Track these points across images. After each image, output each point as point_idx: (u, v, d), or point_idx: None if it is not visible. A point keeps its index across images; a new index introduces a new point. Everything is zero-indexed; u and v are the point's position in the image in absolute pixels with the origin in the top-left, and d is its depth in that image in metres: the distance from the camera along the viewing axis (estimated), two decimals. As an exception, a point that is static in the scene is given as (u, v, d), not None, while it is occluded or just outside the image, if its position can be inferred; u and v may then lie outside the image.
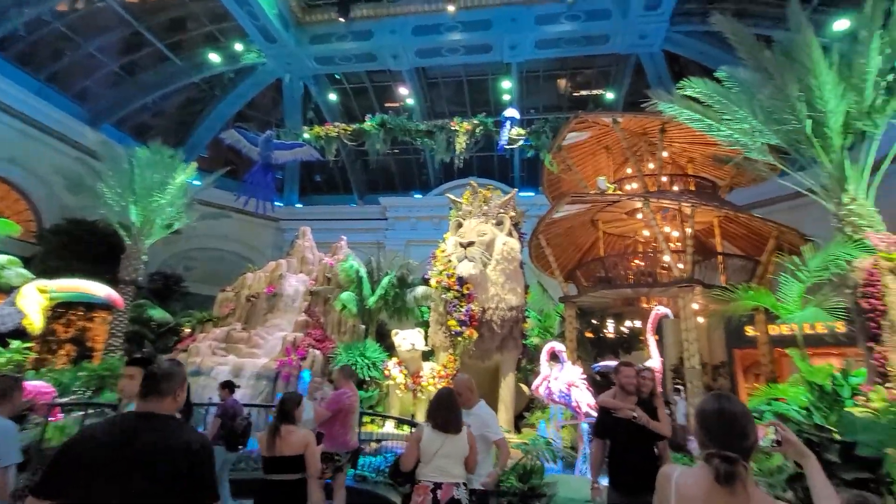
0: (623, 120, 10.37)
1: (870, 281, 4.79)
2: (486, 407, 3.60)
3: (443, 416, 3.07)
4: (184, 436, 1.77)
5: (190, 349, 11.20)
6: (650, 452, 3.08)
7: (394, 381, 9.74)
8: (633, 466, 2.99)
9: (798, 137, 7.28)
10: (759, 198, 15.23)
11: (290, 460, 3.17)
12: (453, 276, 9.57)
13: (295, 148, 13.69)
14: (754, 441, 1.46)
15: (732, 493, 1.38)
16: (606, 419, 3.17)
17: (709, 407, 1.55)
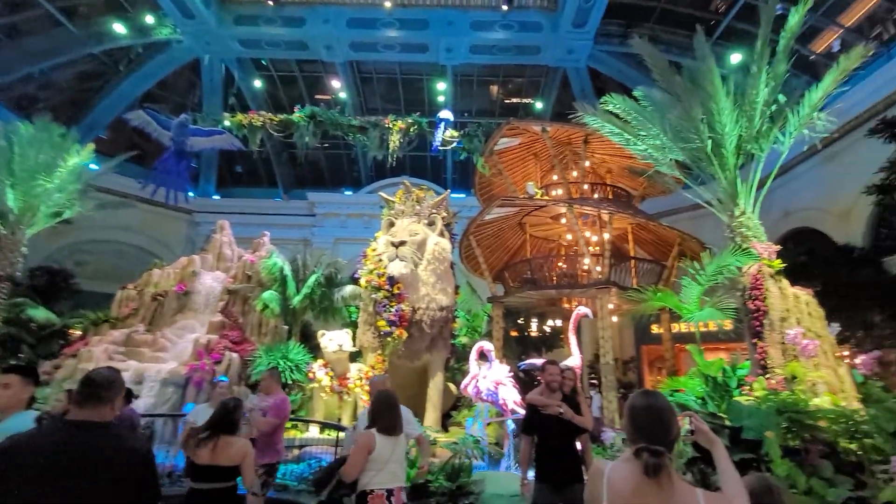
0: (551, 129, 10.90)
1: (755, 285, 5.46)
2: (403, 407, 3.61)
3: (389, 418, 2.98)
4: (125, 443, 1.82)
5: (80, 354, 9.91)
6: (574, 446, 3.24)
7: (318, 384, 9.35)
8: (560, 460, 3.12)
9: (700, 155, 8.11)
10: (666, 208, 16.82)
11: (224, 470, 3.04)
12: (384, 276, 9.41)
13: (213, 135, 12.66)
14: (677, 434, 1.57)
15: (659, 485, 1.45)
16: (534, 416, 3.27)
17: (638, 403, 1.63)
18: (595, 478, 1.59)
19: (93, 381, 1.88)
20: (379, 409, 3.03)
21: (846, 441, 4.22)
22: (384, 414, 3.00)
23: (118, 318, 11.76)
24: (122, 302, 12.11)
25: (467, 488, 4.02)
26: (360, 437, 2.91)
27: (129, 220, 18.72)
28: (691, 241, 10.56)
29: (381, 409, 3.02)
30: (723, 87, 7.63)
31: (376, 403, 3.07)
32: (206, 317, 11.69)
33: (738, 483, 1.52)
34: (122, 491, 1.69)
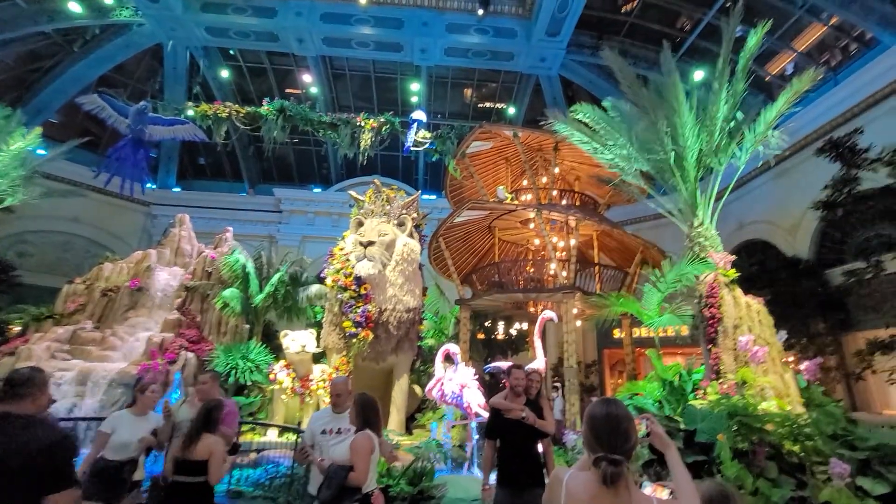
0: (522, 134, 11.03)
1: (711, 293, 5.69)
2: None
3: (377, 420, 2.97)
4: (36, 432, 1.87)
5: (19, 352, 9.25)
6: (536, 450, 3.25)
7: (279, 386, 9.08)
8: (521, 464, 3.12)
9: (663, 166, 8.39)
10: (631, 216, 17.38)
11: (198, 464, 3.27)
12: (351, 276, 9.26)
13: (175, 125, 12.09)
14: (635, 442, 1.58)
15: (616, 494, 1.46)
16: (497, 420, 3.27)
17: (598, 412, 1.63)
18: (554, 485, 1.58)
19: (11, 379, 2.07)
20: (369, 411, 2.98)
21: (790, 443, 4.43)
22: (374, 415, 2.98)
23: (63, 315, 11.06)
24: (68, 297, 11.39)
25: (429, 492, 3.97)
26: (364, 441, 2.82)
27: (79, 211, 17.71)
28: (653, 250, 10.92)
29: (370, 411, 2.98)
30: (686, 102, 7.93)
31: (366, 406, 2.99)
32: (161, 314, 11.16)
33: (690, 486, 1.55)
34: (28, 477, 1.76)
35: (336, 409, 3.31)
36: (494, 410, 3.32)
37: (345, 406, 3.33)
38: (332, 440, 3.13)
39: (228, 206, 19.92)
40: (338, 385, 3.38)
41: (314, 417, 3.43)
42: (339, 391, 3.34)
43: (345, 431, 3.19)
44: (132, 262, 12.16)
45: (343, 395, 3.32)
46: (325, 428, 3.22)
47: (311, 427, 3.34)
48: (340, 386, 3.38)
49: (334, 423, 3.24)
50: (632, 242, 11.80)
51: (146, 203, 19.78)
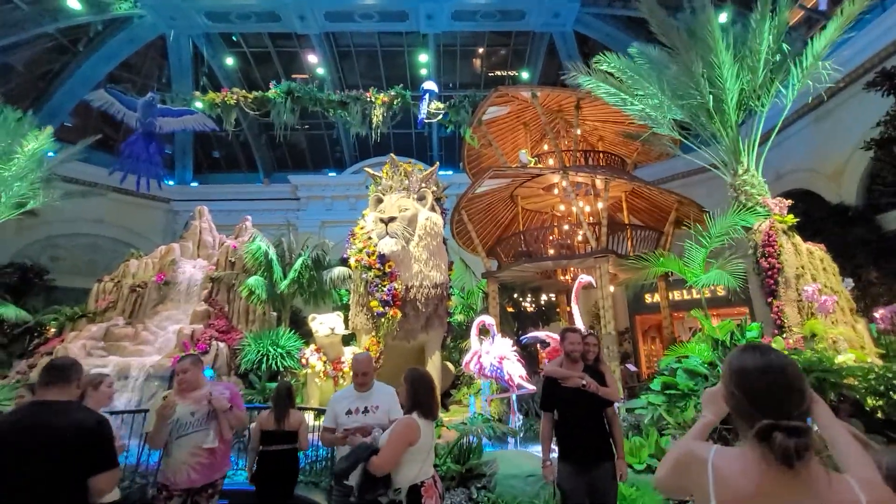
0: (541, 94, 10.42)
1: (768, 241, 5.20)
2: (385, 384, 3.27)
3: (430, 400, 2.64)
4: (78, 415, 2.00)
5: (56, 351, 9.37)
6: (600, 421, 2.93)
7: (312, 370, 8.99)
8: (585, 437, 2.81)
9: (699, 113, 7.77)
10: (658, 176, 16.55)
11: (291, 434, 3.82)
12: (374, 254, 8.98)
13: (184, 115, 11.91)
14: (810, 401, 1.16)
15: (798, 477, 1.06)
16: (553, 390, 2.95)
17: (750, 363, 1.20)
18: (689, 465, 1.19)
19: (55, 364, 2.18)
20: (420, 389, 2.64)
21: (873, 398, 4.00)
22: (425, 395, 2.63)
23: (96, 313, 11.19)
24: (98, 295, 11.51)
25: (478, 470, 3.72)
26: (404, 425, 2.48)
27: (103, 212, 17.95)
28: (688, 206, 10.30)
29: (422, 390, 2.64)
30: (723, 40, 7.25)
31: (418, 383, 2.67)
32: (188, 307, 11.18)
33: (861, 454, 1.15)
34: (75, 457, 1.87)
35: (360, 388, 3.10)
36: (549, 380, 3.00)
37: (369, 384, 3.13)
38: (357, 420, 2.90)
39: (246, 197, 19.88)
40: (361, 362, 3.16)
41: (336, 398, 3.20)
42: (364, 368, 3.12)
43: (372, 409, 2.96)
44: (156, 258, 12.18)
45: (368, 373, 3.11)
46: (349, 408, 3.01)
47: (333, 408, 3.11)
48: (364, 363, 3.16)
49: (359, 403, 3.04)
50: (664, 201, 11.18)
51: (166, 200, 19.92)
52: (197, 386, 3.26)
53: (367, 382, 3.09)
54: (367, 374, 3.09)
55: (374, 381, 3.20)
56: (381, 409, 2.96)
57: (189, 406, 3.14)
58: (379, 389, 3.17)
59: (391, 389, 3.06)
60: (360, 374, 3.10)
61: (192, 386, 3.24)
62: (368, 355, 3.25)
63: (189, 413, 3.12)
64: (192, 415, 3.12)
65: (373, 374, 3.13)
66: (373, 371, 3.15)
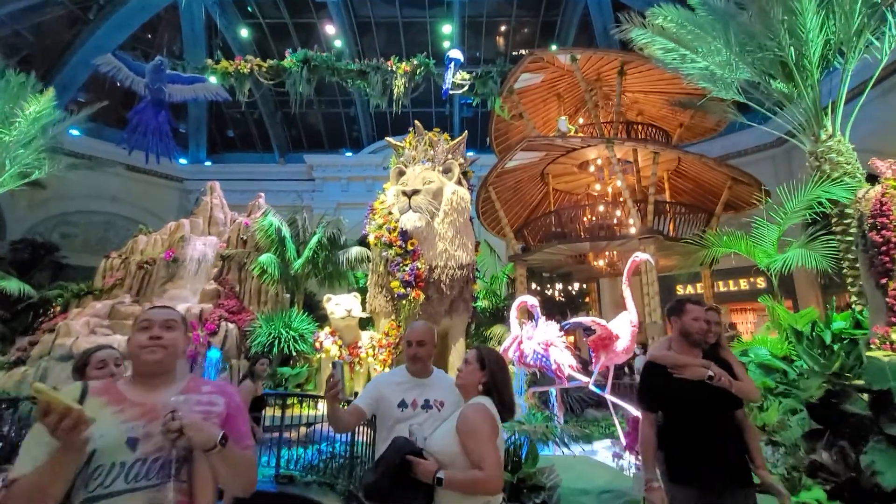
0: (581, 57, 9.42)
1: (881, 211, 4.26)
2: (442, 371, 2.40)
3: (510, 394, 1.88)
4: None
5: (58, 328, 8.84)
6: (731, 427, 2.09)
7: (326, 354, 8.29)
8: (712, 451, 1.98)
9: (772, 71, 6.73)
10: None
11: None
12: (395, 231, 8.18)
13: (196, 83, 11.19)
14: None
15: None
16: (661, 382, 2.11)
17: None
18: None
19: None
20: (498, 374, 1.85)
21: None
22: (504, 384, 1.85)
23: (102, 290, 10.67)
24: (105, 272, 10.99)
25: (535, 481, 2.91)
26: (484, 414, 1.73)
27: (117, 190, 17.59)
28: (743, 186, 9.24)
29: (500, 376, 1.86)
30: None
31: (495, 365, 1.86)
32: (198, 285, 10.58)
33: None
34: None
35: (417, 372, 2.17)
36: (655, 368, 2.16)
37: (429, 367, 2.22)
38: (419, 419, 2.06)
39: (260, 177, 19.27)
40: (418, 331, 2.19)
41: (384, 379, 2.27)
42: (423, 337, 2.16)
43: (436, 405, 2.10)
44: (166, 234, 11.61)
45: (427, 347, 2.15)
46: (404, 398, 2.10)
47: (379, 390, 2.17)
48: (423, 331, 2.19)
49: (418, 393, 2.12)
50: (713, 179, 10.14)
51: (180, 179, 19.48)
52: (163, 372, 1.44)
53: (427, 363, 2.19)
54: (426, 347, 2.16)
55: (435, 368, 2.28)
56: (447, 406, 2.08)
57: (128, 422, 1.32)
58: (440, 377, 2.26)
59: (452, 380, 2.22)
60: (415, 345, 2.15)
61: (151, 371, 1.42)
62: (427, 324, 2.30)
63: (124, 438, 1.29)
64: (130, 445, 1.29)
65: (433, 349, 2.21)
66: (433, 345, 2.20)
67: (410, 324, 2.35)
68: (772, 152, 14.91)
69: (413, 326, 2.27)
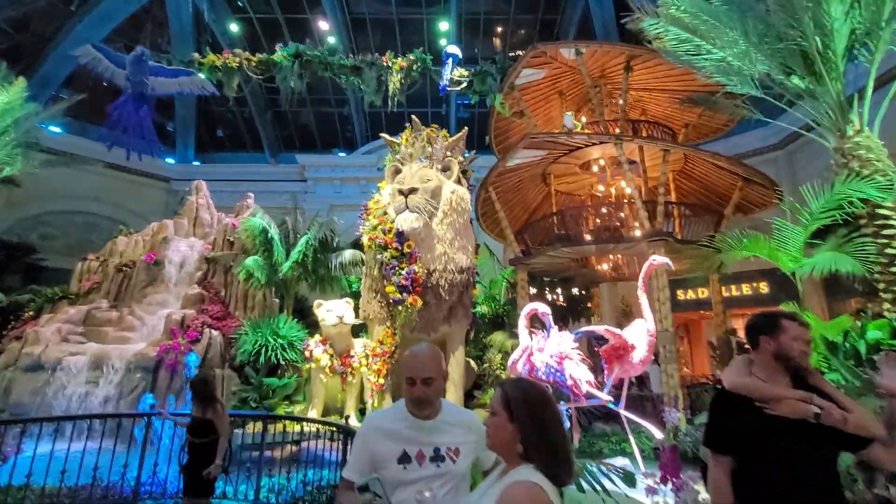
0: (587, 51, 9.01)
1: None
2: (456, 405, 1.87)
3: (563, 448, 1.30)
4: None
5: (26, 336, 8.21)
6: (833, 477, 1.62)
7: (317, 364, 7.74)
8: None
9: (792, 62, 6.35)
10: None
11: None
12: (391, 232, 7.68)
13: (180, 76, 10.64)
14: None
15: None
16: (744, 419, 1.63)
17: None
18: None
19: None
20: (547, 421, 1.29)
21: None
22: (555, 433, 1.29)
23: (78, 294, 10.04)
24: (82, 275, 10.37)
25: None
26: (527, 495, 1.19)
27: (99, 189, 16.92)
28: (755, 185, 8.86)
29: (551, 423, 1.29)
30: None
31: (537, 407, 1.30)
32: (181, 290, 10.00)
33: None
34: None
35: (421, 412, 1.65)
36: (730, 399, 1.69)
37: (437, 405, 1.68)
38: (429, 479, 1.54)
39: (250, 178, 18.65)
40: (423, 362, 1.63)
41: (375, 427, 1.72)
42: (428, 371, 1.60)
43: (449, 455, 1.58)
44: (148, 235, 11.02)
45: (437, 383, 1.63)
46: (405, 450, 1.59)
47: (368, 447, 1.64)
48: (429, 364, 1.63)
49: (424, 440, 1.61)
50: (721, 180, 9.76)
51: (166, 178, 18.84)
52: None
53: (434, 401, 1.66)
54: (434, 385, 1.63)
55: (443, 400, 1.74)
56: (464, 454, 1.58)
57: None
58: (452, 413, 1.73)
59: (471, 415, 1.70)
60: (418, 384, 1.60)
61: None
62: (434, 349, 1.72)
63: None
64: None
65: (442, 382, 1.67)
66: (442, 377, 1.68)
67: (410, 350, 1.75)
68: (773, 155, 14.63)
69: (415, 354, 1.70)
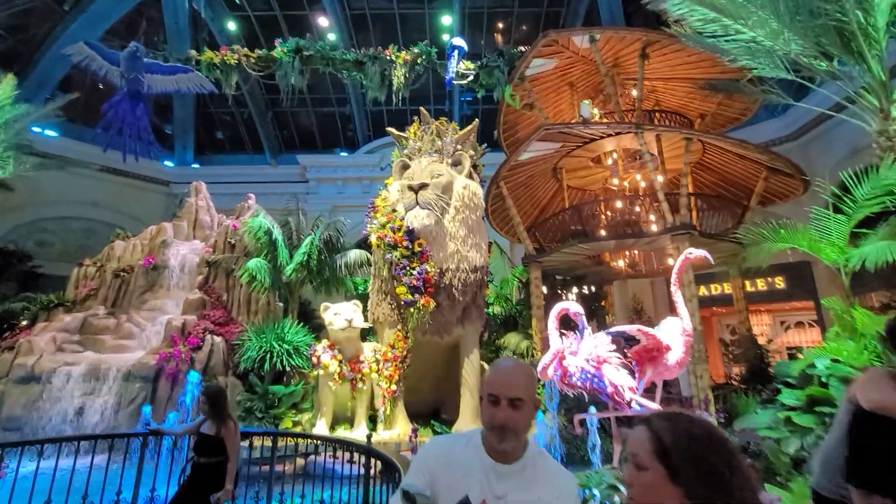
0: (601, 37, 8.61)
1: None
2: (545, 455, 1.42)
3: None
4: None
5: (19, 346, 7.83)
6: None
7: (325, 371, 7.34)
8: None
9: (828, 40, 5.95)
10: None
11: None
12: (401, 230, 7.30)
13: (177, 73, 10.27)
14: None
15: None
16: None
17: None
18: None
19: None
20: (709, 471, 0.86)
21: None
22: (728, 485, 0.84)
23: (75, 301, 9.66)
24: (79, 281, 9.99)
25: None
26: None
27: (97, 194, 16.54)
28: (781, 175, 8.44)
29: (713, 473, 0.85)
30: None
31: (695, 454, 0.87)
32: (181, 295, 9.61)
33: None
34: None
35: (500, 453, 1.26)
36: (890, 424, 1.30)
37: (521, 441, 1.27)
38: None
39: (251, 180, 18.27)
40: (512, 378, 1.26)
41: (444, 447, 1.35)
42: (520, 393, 1.24)
43: None
44: (146, 238, 10.64)
45: (527, 407, 1.25)
46: (467, 497, 1.16)
47: (430, 469, 1.26)
48: (519, 380, 1.26)
49: (495, 488, 1.21)
50: (741, 171, 9.37)
51: (165, 182, 18.46)
52: None
53: (519, 433, 1.26)
54: (524, 411, 1.25)
55: (535, 446, 1.32)
56: None
57: None
58: (542, 465, 1.30)
59: (568, 476, 1.28)
60: (503, 404, 1.23)
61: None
62: (526, 366, 1.32)
63: None
64: None
65: (533, 410, 1.26)
66: (534, 404, 1.27)
67: (495, 364, 1.36)
68: (786, 147, 14.21)
69: (502, 369, 1.31)
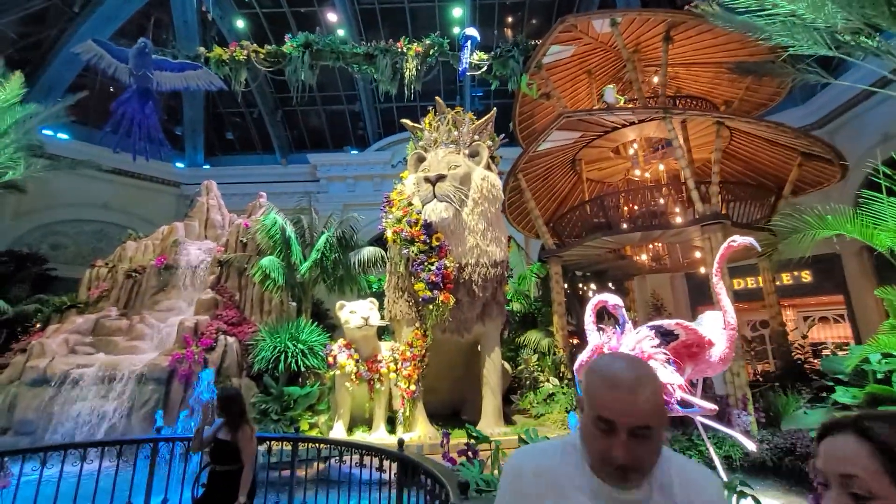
0: (623, 20, 8.23)
1: None
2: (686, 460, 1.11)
3: None
4: None
5: (31, 348, 7.69)
6: None
7: (341, 371, 7.08)
8: None
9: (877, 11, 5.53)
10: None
11: None
12: (418, 224, 7.01)
13: (186, 70, 10.11)
14: None
15: None
16: None
17: None
18: None
19: None
20: None
21: None
22: None
23: (87, 303, 9.54)
24: (91, 283, 9.88)
25: None
26: None
27: (108, 197, 16.57)
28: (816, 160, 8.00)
29: None
30: None
31: None
32: (193, 295, 9.43)
33: None
34: None
35: (618, 476, 0.94)
36: None
37: (646, 467, 0.95)
38: None
39: (262, 179, 18.15)
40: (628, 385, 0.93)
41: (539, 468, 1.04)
42: (642, 413, 0.92)
43: None
44: (157, 239, 10.50)
45: (655, 433, 0.93)
46: None
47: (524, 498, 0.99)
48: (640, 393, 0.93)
49: None
50: (769, 158, 8.93)
51: (176, 183, 18.42)
52: None
53: (647, 469, 0.96)
54: (651, 436, 0.94)
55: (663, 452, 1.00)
56: None
57: None
58: (679, 478, 0.99)
59: (714, 483, 1.00)
60: (621, 434, 0.92)
61: None
62: (649, 373, 0.96)
63: None
64: None
65: (662, 428, 0.95)
66: (663, 420, 0.96)
67: (601, 370, 0.99)
68: (831, 127, 13.65)
69: (617, 383, 0.96)
